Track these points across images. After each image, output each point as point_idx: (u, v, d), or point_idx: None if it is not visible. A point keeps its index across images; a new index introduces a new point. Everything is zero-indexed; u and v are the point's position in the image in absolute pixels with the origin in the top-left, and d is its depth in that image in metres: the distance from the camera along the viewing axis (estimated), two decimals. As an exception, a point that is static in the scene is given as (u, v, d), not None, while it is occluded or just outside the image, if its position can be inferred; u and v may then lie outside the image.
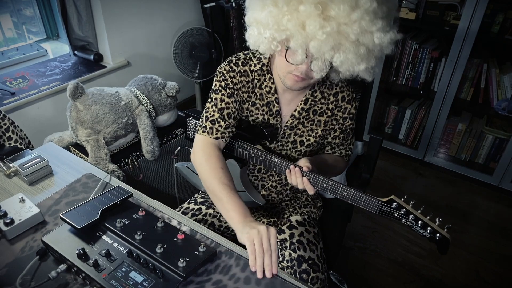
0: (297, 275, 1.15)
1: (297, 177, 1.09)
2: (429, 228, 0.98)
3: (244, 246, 0.95)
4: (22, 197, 1.08)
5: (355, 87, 1.26)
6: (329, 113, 1.22)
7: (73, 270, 0.90)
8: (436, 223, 0.98)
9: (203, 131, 1.16)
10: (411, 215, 0.99)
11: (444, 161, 2.72)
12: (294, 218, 1.31)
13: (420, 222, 0.98)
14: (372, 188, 2.48)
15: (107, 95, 1.89)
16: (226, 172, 1.06)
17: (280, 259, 1.22)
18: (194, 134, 1.45)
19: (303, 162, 1.10)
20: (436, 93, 2.52)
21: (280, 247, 1.25)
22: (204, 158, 1.10)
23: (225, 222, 1.33)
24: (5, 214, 1.03)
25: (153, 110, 2.04)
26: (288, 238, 1.24)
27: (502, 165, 2.46)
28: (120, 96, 1.92)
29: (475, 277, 2.00)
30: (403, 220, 1.00)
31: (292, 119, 1.20)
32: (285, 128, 1.22)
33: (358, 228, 1.75)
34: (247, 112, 1.23)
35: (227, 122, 1.16)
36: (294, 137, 1.23)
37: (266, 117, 1.22)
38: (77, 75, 2.36)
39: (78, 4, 2.31)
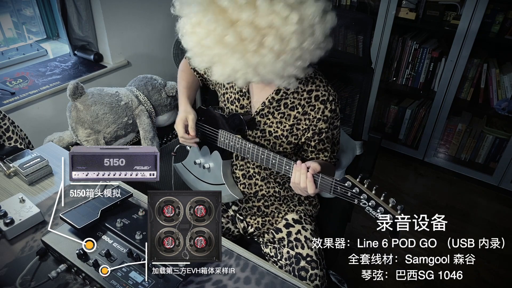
0: (296, 273, 1.16)
1: (301, 173, 1.04)
2: (380, 208, 0.92)
3: (244, 247, 0.95)
4: (22, 197, 1.08)
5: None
6: (300, 110, 1.19)
7: (73, 270, 0.90)
8: (390, 205, 0.92)
9: (186, 58, 1.40)
10: (363, 194, 0.94)
11: (444, 161, 2.71)
12: (290, 217, 1.31)
13: (372, 201, 0.93)
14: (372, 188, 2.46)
15: (107, 95, 1.89)
16: (187, 80, 1.39)
17: (279, 257, 1.23)
18: None
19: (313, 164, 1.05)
20: (436, 93, 2.52)
21: (278, 246, 1.25)
22: (180, 69, 1.44)
23: (226, 223, 1.34)
24: (5, 214, 1.03)
25: (153, 110, 2.04)
26: (285, 237, 1.25)
27: (502, 165, 2.46)
28: (120, 96, 1.92)
29: (475, 277, 2.00)
30: (356, 201, 0.96)
31: (262, 106, 1.21)
32: (255, 114, 1.22)
33: (358, 228, 1.76)
34: (222, 89, 1.30)
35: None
36: (263, 126, 1.23)
37: (237, 96, 1.26)
38: (77, 75, 2.36)
39: (78, 4, 2.31)
